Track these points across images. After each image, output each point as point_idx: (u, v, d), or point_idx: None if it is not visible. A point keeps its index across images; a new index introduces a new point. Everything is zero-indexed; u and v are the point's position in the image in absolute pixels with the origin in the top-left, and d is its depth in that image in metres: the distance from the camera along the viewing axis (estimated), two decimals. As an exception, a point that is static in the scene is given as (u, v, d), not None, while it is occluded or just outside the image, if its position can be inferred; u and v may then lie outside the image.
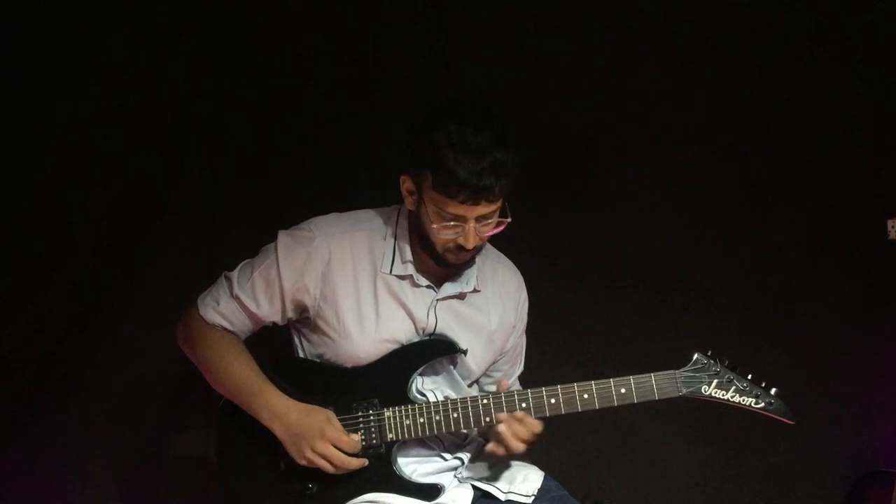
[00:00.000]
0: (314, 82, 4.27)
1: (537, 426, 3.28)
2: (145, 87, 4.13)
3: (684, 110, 4.39)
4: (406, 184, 3.27)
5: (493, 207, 3.20)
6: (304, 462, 3.25)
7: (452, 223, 3.19)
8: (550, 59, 4.34)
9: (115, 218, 4.14)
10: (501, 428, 3.25)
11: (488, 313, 3.45)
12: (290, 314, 3.38)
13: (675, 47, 4.37)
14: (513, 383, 3.60)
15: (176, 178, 4.20)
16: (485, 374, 3.55)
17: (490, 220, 3.23)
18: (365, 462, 3.28)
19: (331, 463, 3.24)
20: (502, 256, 3.58)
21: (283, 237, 3.36)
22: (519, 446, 3.27)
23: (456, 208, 3.16)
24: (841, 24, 4.38)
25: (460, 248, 3.23)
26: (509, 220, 3.26)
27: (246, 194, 4.25)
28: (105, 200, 4.13)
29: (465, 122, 3.15)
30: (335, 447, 3.24)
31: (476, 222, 3.19)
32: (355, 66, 4.28)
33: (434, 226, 3.21)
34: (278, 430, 3.26)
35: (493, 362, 3.53)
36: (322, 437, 3.23)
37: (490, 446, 3.31)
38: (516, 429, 3.26)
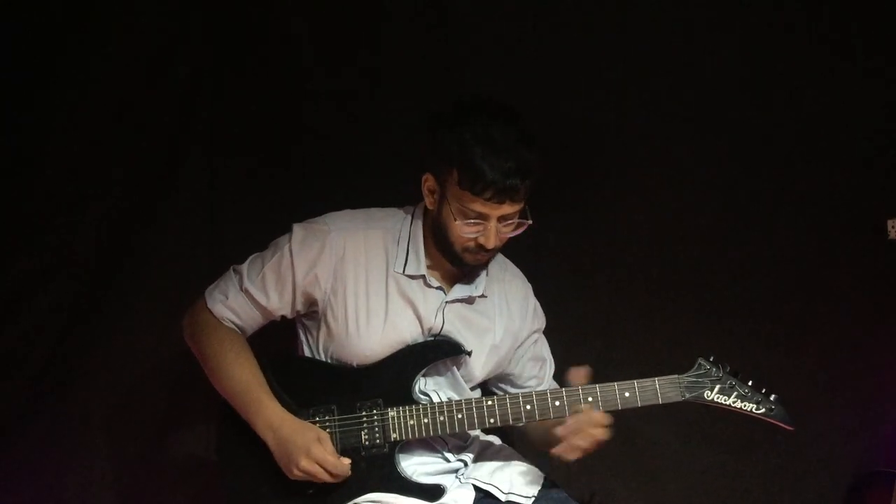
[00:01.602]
0: (314, 82, 4.26)
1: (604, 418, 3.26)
2: (145, 88, 4.11)
3: (686, 110, 4.39)
4: (428, 182, 3.28)
5: (516, 208, 3.22)
6: (292, 477, 3.26)
7: (475, 221, 3.20)
8: (551, 59, 4.34)
9: (115, 218, 4.13)
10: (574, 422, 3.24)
11: (493, 320, 3.45)
12: (300, 307, 3.38)
13: (676, 47, 4.37)
14: (547, 381, 3.63)
15: (176, 178, 4.18)
16: (516, 385, 3.58)
17: (511, 222, 3.24)
18: None
19: (315, 481, 3.25)
20: (509, 263, 3.59)
21: (298, 229, 3.36)
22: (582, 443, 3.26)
23: (482, 206, 3.17)
24: (842, 24, 4.38)
25: (480, 247, 3.24)
26: (530, 222, 3.27)
27: (246, 194, 4.23)
28: (105, 200, 4.12)
29: (493, 119, 3.17)
30: (320, 466, 3.23)
31: (498, 222, 3.21)
32: (356, 66, 4.27)
33: (457, 223, 3.21)
34: (270, 442, 3.27)
35: (499, 368, 3.53)
36: (307, 456, 3.22)
37: (557, 447, 3.28)
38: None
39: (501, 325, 3.47)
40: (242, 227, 4.12)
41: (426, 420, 3.30)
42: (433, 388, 3.41)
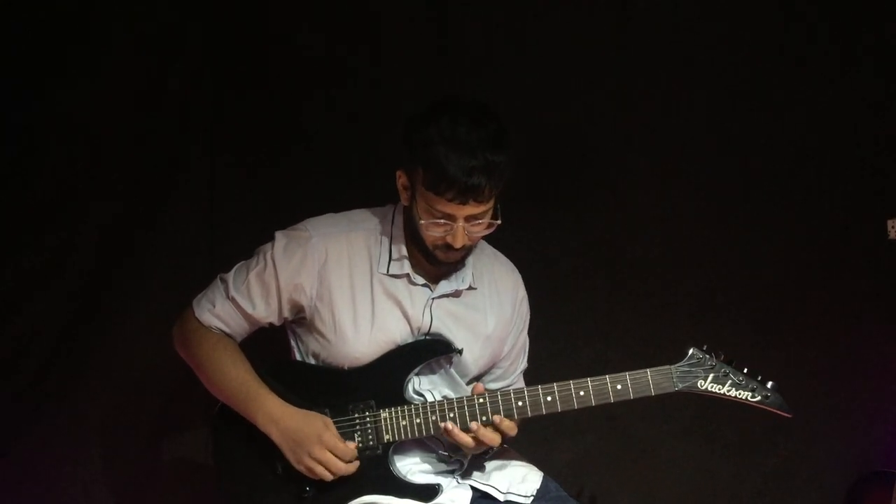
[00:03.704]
0: (314, 82, 4.27)
1: (512, 429, 3.29)
2: (145, 88, 4.13)
3: (685, 110, 4.40)
4: (401, 179, 3.27)
5: (482, 208, 3.18)
6: (301, 468, 3.25)
7: (442, 221, 3.18)
8: (552, 58, 4.35)
9: (115, 218, 4.14)
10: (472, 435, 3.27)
11: (484, 312, 3.43)
12: (286, 314, 3.37)
13: (676, 48, 4.38)
14: (515, 379, 3.59)
15: (176, 177, 4.20)
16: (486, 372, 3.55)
17: (480, 221, 3.21)
18: None
19: (328, 469, 3.23)
20: (499, 254, 3.57)
21: (280, 237, 3.36)
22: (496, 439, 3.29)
23: (445, 206, 3.15)
24: (841, 25, 4.38)
25: (449, 246, 3.22)
26: (499, 222, 3.25)
27: (245, 194, 4.25)
28: (105, 200, 4.14)
29: (460, 119, 3.13)
30: (331, 453, 3.23)
31: (465, 222, 3.18)
32: (355, 65, 4.28)
33: (423, 222, 3.20)
34: (275, 435, 3.26)
35: (494, 361, 3.52)
36: (319, 443, 3.22)
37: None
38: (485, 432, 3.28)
39: (493, 316, 3.45)
40: (242, 228, 4.13)
41: (418, 420, 3.29)
42: (428, 388, 3.40)
